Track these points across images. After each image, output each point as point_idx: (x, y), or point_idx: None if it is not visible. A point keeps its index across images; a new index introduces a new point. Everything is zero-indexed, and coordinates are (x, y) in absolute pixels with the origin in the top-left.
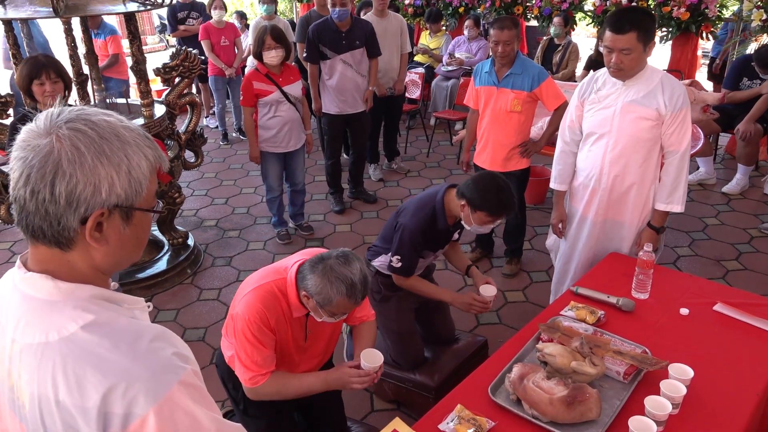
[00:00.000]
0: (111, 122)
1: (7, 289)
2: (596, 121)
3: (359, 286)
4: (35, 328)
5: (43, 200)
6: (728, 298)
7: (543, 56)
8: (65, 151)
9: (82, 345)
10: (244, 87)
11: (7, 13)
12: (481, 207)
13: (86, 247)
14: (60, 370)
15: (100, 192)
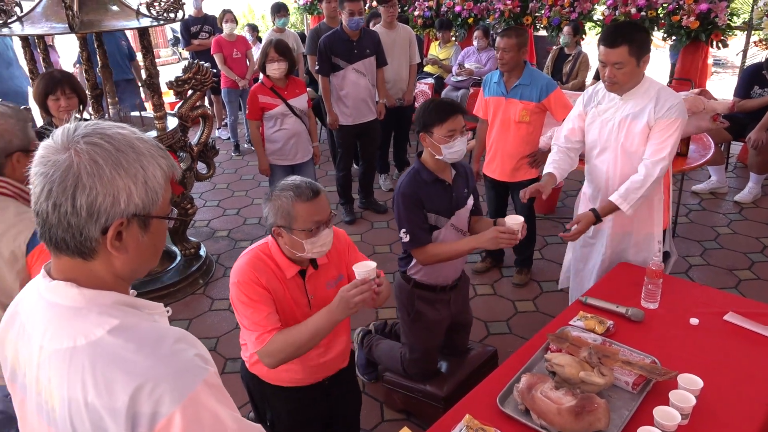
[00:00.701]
0: (125, 135)
1: (33, 298)
2: (597, 135)
3: (303, 185)
4: (63, 334)
5: (66, 213)
6: (739, 308)
7: (553, 66)
8: (84, 164)
9: (109, 348)
10: (250, 101)
11: (24, 30)
12: (430, 124)
13: (107, 256)
14: (89, 373)
15: (119, 202)
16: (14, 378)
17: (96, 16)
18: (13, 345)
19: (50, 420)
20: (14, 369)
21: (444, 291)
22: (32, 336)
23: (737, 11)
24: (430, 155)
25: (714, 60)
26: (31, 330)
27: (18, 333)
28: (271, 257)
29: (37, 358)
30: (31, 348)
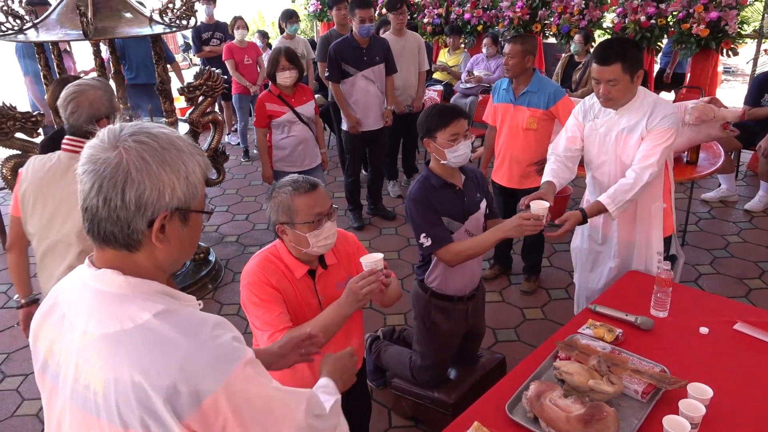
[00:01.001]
0: (167, 133)
1: (76, 287)
2: (596, 149)
3: (300, 179)
4: (110, 318)
5: (115, 207)
6: (749, 317)
7: (563, 74)
8: (133, 161)
9: (155, 331)
10: (257, 108)
11: (39, 36)
12: (433, 128)
13: (151, 247)
14: (136, 354)
15: (164, 196)
16: (45, 368)
17: (110, 23)
18: (48, 335)
19: (88, 405)
20: (46, 359)
21: (461, 301)
22: (74, 323)
23: (747, 19)
24: (436, 161)
25: (724, 68)
26: (74, 317)
27: (56, 322)
28: (280, 258)
29: (79, 344)
30: (73, 335)
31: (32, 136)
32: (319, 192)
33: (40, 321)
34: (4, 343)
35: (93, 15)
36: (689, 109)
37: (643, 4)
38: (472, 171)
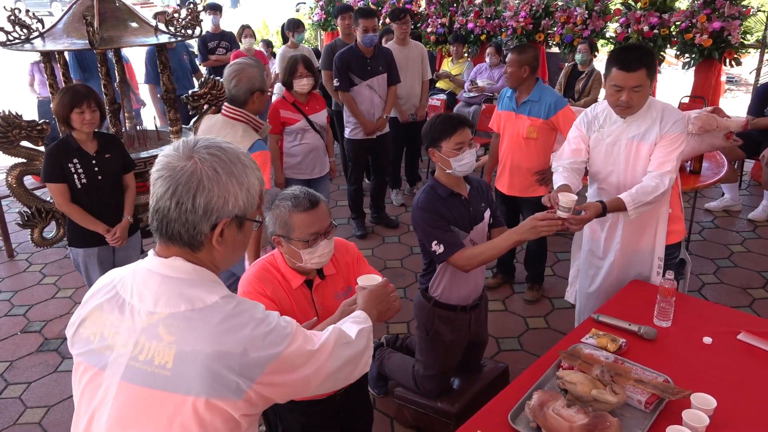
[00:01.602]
0: (234, 149)
1: (140, 275)
2: (602, 159)
3: (302, 195)
4: (180, 299)
5: (186, 210)
6: (753, 327)
7: (566, 83)
8: (206, 171)
9: (224, 310)
10: (271, 115)
11: (46, 45)
12: (437, 138)
13: (210, 249)
14: (209, 329)
15: (228, 204)
16: (89, 354)
17: (116, 32)
18: (98, 323)
19: (151, 380)
20: (92, 346)
21: (464, 311)
22: (138, 307)
23: (750, 29)
24: (441, 171)
25: (727, 77)
26: (137, 302)
27: (110, 310)
28: (277, 268)
29: (144, 324)
30: (134, 317)
31: (37, 144)
32: (319, 210)
33: (92, 310)
34: (7, 351)
35: (99, 24)
36: (692, 119)
37: (646, 14)
38: (476, 181)
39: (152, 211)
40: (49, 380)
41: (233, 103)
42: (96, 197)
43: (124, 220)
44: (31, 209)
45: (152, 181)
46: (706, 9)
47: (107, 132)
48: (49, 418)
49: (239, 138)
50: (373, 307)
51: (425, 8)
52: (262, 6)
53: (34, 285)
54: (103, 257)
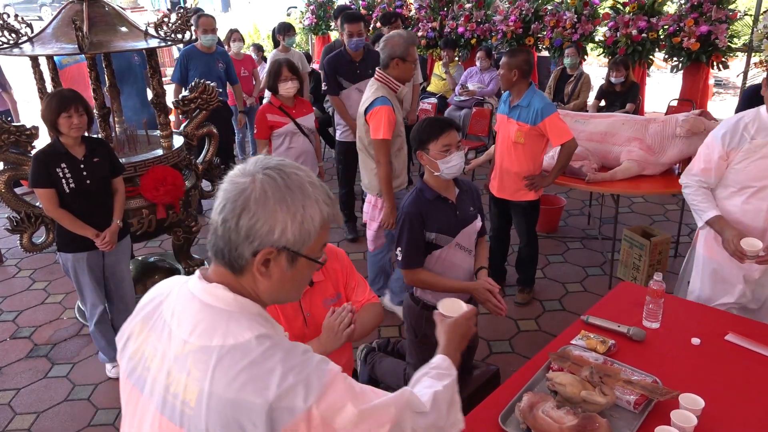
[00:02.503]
0: (300, 176)
1: (184, 297)
2: (754, 172)
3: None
4: (214, 332)
5: (229, 228)
6: (740, 328)
7: (555, 86)
8: (255, 192)
9: (255, 351)
10: (258, 120)
11: (34, 50)
12: (425, 140)
13: (253, 276)
14: (235, 370)
15: (273, 233)
16: (132, 373)
17: (105, 36)
18: (141, 340)
19: (174, 415)
20: (135, 365)
21: None
22: (175, 331)
23: (738, 33)
24: (430, 173)
25: (715, 81)
26: (175, 326)
27: (153, 327)
28: None
29: (176, 352)
30: (171, 342)
31: (27, 149)
32: None
33: (138, 323)
34: None
35: (88, 29)
36: (680, 122)
37: (634, 18)
38: (467, 185)
39: (211, 224)
40: (38, 386)
41: (381, 67)
42: (84, 202)
43: (114, 225)
44: (20, 214)
45: (218, 194)
46: (694, 13)
47: (95, 136)
48: (38, 425)
49: (372, 93)
50: (457, 346)
51: (416, 12)
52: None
53: (23, 290)
54: (92, 262)
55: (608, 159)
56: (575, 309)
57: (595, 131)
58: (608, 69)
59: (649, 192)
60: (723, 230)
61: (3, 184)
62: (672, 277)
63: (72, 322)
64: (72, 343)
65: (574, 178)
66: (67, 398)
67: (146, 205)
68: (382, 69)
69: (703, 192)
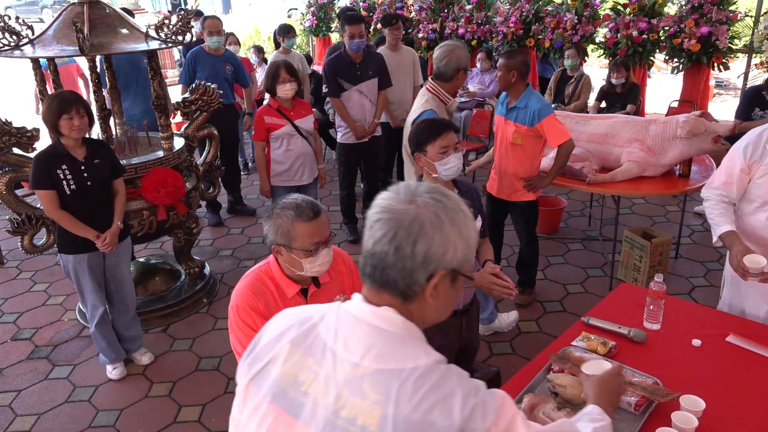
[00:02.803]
0: (456, 198)
1: (349, 320)
2: None
3: (304, 205)
4: (390, 355)
5: (404, 256)
6: (741, 330)
7: (555, 88)
8: (429, 216)
9: (436, 374)
10: (256, 122)
11: (35, 52)
12: (423, 141)
13: (422, 301)
14: (418, 394)
15: (447, 254)
16: (279, 397)
17: (106, 38)
18: (293, 363)
19: None
20: (284, 388)
21: (455, 316)
22: (341, 355)
23: (738, 34)
24: (428, 176)
25: (716, 82)
26: (341, 349)
27: (309, 351)
28: (271, 277)
29: (347, 376)
30: (337, 366)
31: (27, 151)
32: (321, 220)
33: (287, 347)
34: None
35: (89, 31)
36: (681, 123)
37: (635, 19)
38: (466, 186)
39: (366, 254)
40: (39, 388)
41: (436, 78)
42: (85, 203)
43: (114, 226)
44: (21, 216)
45: (370, 223)
46: (694, 14)
47: (96, 138)
48: (39, 426)
49: (421, 104)
50: (608, 400)
51: (416, 14)
52: (254, 12)
53: (24, 292)
54: (93, 263)
55: (609, 160)
56: (576, 310)
57: (595, 132)
58: (609, 70)
59: (650, 193)
60: (732, 245)
61: (4, 186)
62: (673, 278)
63: (73, 323)
64: (73, 344)
65: (575, 179)
66: (68, 400)
67: (147, 207)
68: (446, 80)
69: (723, 207)
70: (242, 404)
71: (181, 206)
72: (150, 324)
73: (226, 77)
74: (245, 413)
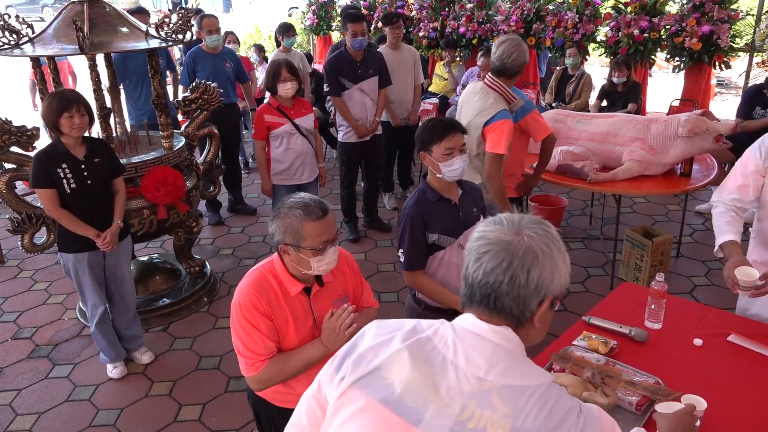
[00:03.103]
0: (552, 229)
1: (467, 336)
2: None
3: (313, 204)
4: (514, 372)
5: (519, 284)
6: (743, 329)
7: (556, 86)
8: (540, 246)
9: (556, 392)
10: (256, 121)
11: (35, 51)
12: (428, 141)
13: (529, 327)
14: (545, 411)
15: (554, 281)
16: (394, 402)
17: (106, 37)
18: (409, 371)
19: None
20: (401, 395)
21: (455, 315)
22: (463, 368)
23: (739, 33)
24: (433, 175)
25: (718, 81)
26: (463, 363)
27: (427, 362)
28: (275, 276)
29: (473, 389)
30: (459, 378)
31: (27, 150)
32: (329, 218)
33: (406, 356)
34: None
35: (89, 29)
36: (682, 122)
37: (636, 17)
38: (470, 185)
39: (478, 284)
40: (39, 387)
41: (500, 75)
42: (85, 202)
43: (114, 225)
44: (21, 215)
45: (477, 255)
46: (696, 13)
47: (96, 137)
48: (39, 426)
49: (490, 103)
50: None
51: (417, 13)
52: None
53: (24, 291)
54: (93, 262)
55: (610, 159)
56: (577, 309)
57: (596, 131)
58: (610, 69)
59: (651, 192)
60: (730, 255)
61: (4, 185)
62: (674, 277)
63: (73, 322)
64: (73, 343)
65: (576, 178)
66: (68, 399)
67: (147, 206)
68: (510, 77)
69: (731, 216)
70: (337, 408)
71: (181, 205)
72: (150, 323)
73: (227, 75)
74: (342, 415)
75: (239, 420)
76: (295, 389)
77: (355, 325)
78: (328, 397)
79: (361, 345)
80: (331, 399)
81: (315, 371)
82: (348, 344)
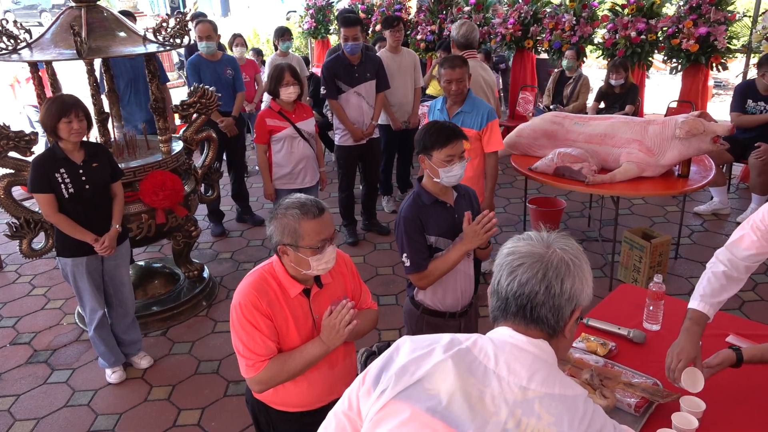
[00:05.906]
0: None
1: (507, 347)
2: None
3: (308, 203)
4: (553, 381)
5: (554, 294)
6: (742, 330)
7: (554, 89)
8: (571, 259)
9: (590, 402)
10: (258, 125)
11: (33, 56)
12: (429, 146)
13: (560, 338)
14: (583, 419)
15: (583, 292)
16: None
17: (104, 42)
18: (452, 381)
19: None
20: (447, 403)
21: (453, 317)
22: (505, 377)
23: (736, 34)
24: (429, 178)
25: (715, 82)
26: (504, 373)
27: (470, 371)
28: (275, 277)
29: (517, 397)
30: (503, 387)
31: (25, 155)
32: (326, 217)
33: (450, 365)
34: None
35: (87, 34)
36: (679, 123)
37: (633, 20)
38: (465, 189)
39: (513, 296)
40: (38, 392)
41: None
42: (83, 207)
43: (113, 229)
44: (19, 220)
45: (512, 268)
46: (693, 14)
47: (94, 141)
48: (38, 431)
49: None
50: None
51: (415, 16)
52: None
53: (23, 296)
54: (91, 267)
55: (608, 161)
56: None
57: (594, 133)
58: (607, 71)
59: (649, 194)
60: (687, 332)
61: (2, 190)
62: (672, 279)
63: (72, 327)
64: (72, 348)
65: (574, 180)
66: (67, 404)
67: (146, 210)
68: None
69: (725, 281)
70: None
71: (179, 209)
72: (149, 327)
73: (229, 83)
74: (385, 427)
75: (238, 424)
76: (294, 389)
77: (355, 322)
78: (364, 411)
79: (399, 358)
80: (369, 413)
81: (314, 371)
82: (382, 359)
